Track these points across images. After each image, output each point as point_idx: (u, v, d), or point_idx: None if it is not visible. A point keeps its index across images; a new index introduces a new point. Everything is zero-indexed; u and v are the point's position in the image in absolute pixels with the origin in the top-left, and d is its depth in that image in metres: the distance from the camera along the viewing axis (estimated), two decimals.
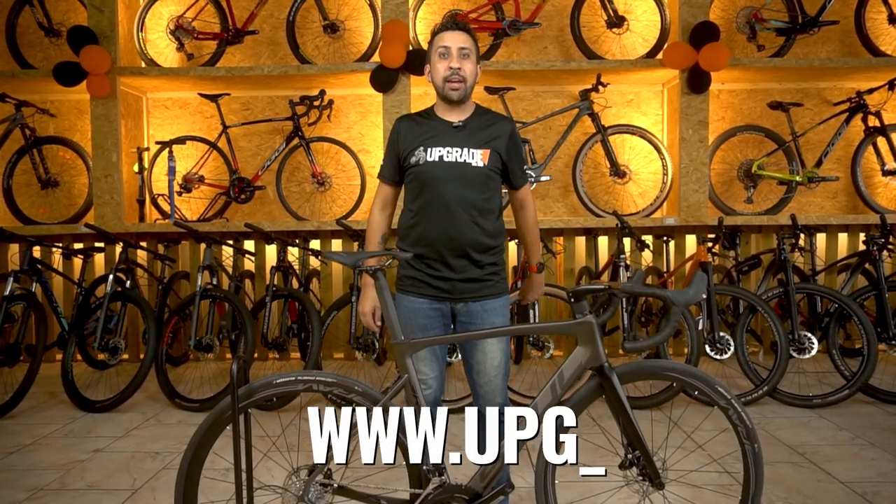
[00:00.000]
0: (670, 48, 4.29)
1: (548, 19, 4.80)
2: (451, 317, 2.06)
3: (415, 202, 2.03)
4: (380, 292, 1.76)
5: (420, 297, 2.02)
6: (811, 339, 3.57)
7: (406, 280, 2.06)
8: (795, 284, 3.62)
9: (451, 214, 1.96)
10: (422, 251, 2.00)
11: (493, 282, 2.04)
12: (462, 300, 2.01)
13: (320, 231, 4.57)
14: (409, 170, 2.02)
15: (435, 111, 2.08)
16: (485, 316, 2.02)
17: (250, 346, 3.53)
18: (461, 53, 1.98)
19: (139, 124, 4.86)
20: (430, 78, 2.05)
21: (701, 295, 1.57)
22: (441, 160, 1.97)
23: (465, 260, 1.99)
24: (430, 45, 2.06)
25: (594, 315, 1.74)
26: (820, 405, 3.44)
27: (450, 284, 2.00)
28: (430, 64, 2.05)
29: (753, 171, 4.52)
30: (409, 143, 2.02)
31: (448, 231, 1.96)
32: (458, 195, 1.96)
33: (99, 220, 4.49)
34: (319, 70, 4.45)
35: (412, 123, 2.07)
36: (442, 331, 2.05)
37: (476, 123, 2.04)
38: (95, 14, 4.44)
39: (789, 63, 4.39)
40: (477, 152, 1.98)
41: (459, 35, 2.00)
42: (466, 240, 1.97)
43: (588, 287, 1.73)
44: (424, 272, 2.01)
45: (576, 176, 4.54)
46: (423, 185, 1.99)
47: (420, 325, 2.02)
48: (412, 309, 2.03)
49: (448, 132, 2.01)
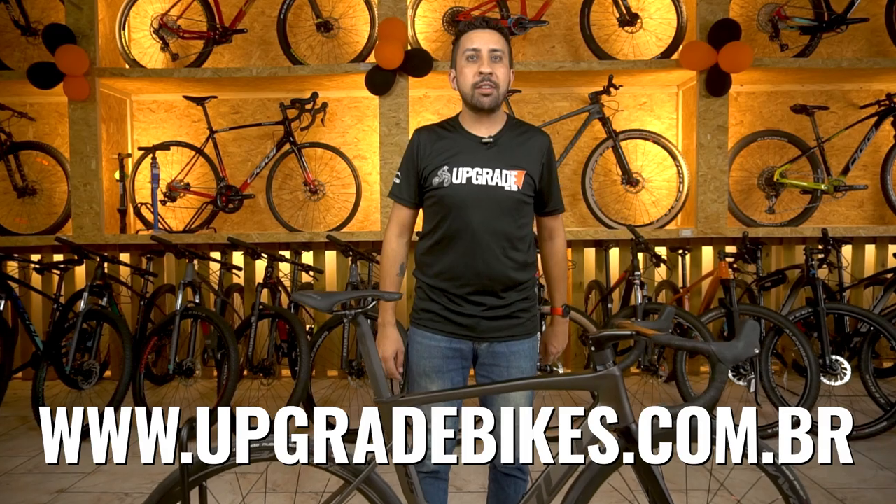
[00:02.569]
0: (688, 48, 3.99)
1: (555, 17, 4.51)
2: (471, 358, 1.78)
3: (437, 230, 1.75)
4: (361, 339, 1.48)
5: (438, 334, 1.75)
6: (843, 364, 3.28)
7: (422, 314, 1.78)
8: (826, 305, 3.33)
9: (478, 246, 1.69)
10: (443, 285, 1.74)
11: (522, 320, 1.77)
12: (486, 340, 1.75)
13: (312, 243, 4.29)
14: (431, 192, 1.74)
15: (461, 122, 1.79)
16: (511, 359, 1.75)
17: (234, 370, 3.25)
18: (492, 56, 1.70)
19: (122, 129, 4.58)
20: (456, 85, 1.76)
21: (753, 349, 1.28)
22: (469, 182, 1.69)
23: (492, 296, 1.72)
24: (455, 47, 1.78)
25: (619, 366, 1.46)
26: (855, 437, 3.15)
27: (473, 321, 1.73)
28: (455, 69, 1.76)
29: (776, 179, 4.23)
30: (431, 160, 1.74)
31: (474, 265, 1.70)
32: (488, 224, 1.69)
33: (77, 230, 4.23)
34: (312, 71, 4.17)
35: (434, 136, 1.78)
36: (459, 375, 1.77)
37: (508, 139, 1.75)
38: (74, 12, 4.16)
39: (815, 64, 4.09)
40: (510, 174, 1.70)
41: (490, 35, 1.71)
42: (495, 274, 1.70)
43: (613, 333, 1.45)
44: (445, 306, 1.74)
45: (585, 184, 4.25)
46: (447, 210, 1.72)
47: (434, 366, 1.75)
48: (427, 346, 1.76)
49: (477, 149, 1.73)
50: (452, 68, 1.79)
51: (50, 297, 4.02)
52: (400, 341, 1.81)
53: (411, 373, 1.80)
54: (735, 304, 3.32)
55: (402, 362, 1.82)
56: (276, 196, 4.48)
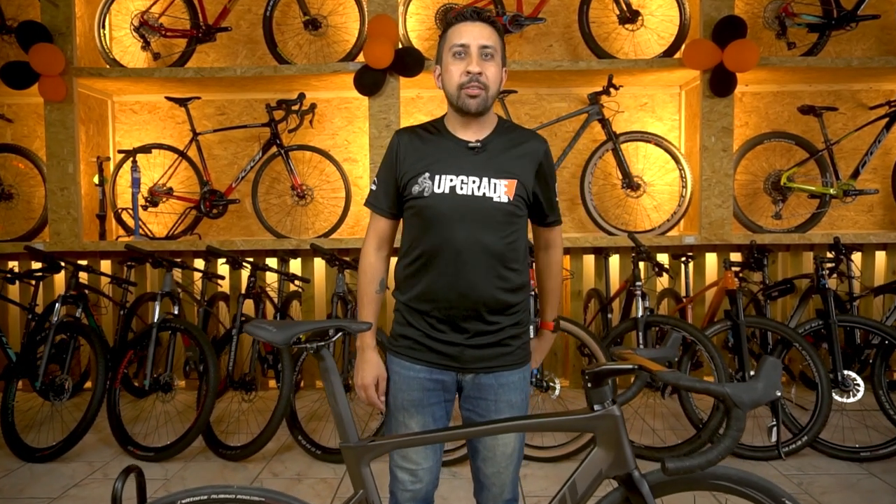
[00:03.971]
0: (691, 46, 3.82)
1: (553, 14, 4.33)
2: (455, 390, 1.61)
3: (416, 246, 1.57)
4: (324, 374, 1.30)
5: (417, 364, 1.57)
6: (857, 380, 3.10)
7: (401, 340, 1.61)
8: (837, 317, 3.15)
9: (462, 265, 1.51)
10: (423, 308, 1.56)
11: (512, 348, 1.59)
12: (471, 371, 1.57)
13: (300, 250, 4.11)
14: (410, 201, 1.56)
15: (446, 125, 1.61)
16: (500, 392, 1.57)
17: (212, 387, 3.08)
18: (483, 53, 1.52)
19: (103, 131, 4.41)
20: (441, 83, 1.58)
21: (775, 392, 1.11)
22: (453, 192, 1.51)
23: (478, 321, 1.54)
24: (441, 40, 1.59)
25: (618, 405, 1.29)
26: (869, 458, 2.97)
27: (457, 350, 1.55)
28: (440, 65, 1.58)
29: (783, 183, 4.05)
30: (411, 166, 1.56)
31: (458, 286, 1.52)
32: (474, 240, 1.51)
33: (55, 237, 4.05)
34: (298, 71, 4.00)
35: (415, 139, 1.60)
36: (441, 409, 1.60)
37: (498, 143, 1.57)
38: (49, 9, 3.99)
39: (824, 63, 3.91)
40: (500, 183, 1.53)
41: (481, 28, 1.52)
42: (481, 297, 1.52)
43: (613, 367, 1.28)
44: (425, 332, 1.56)
45: (584, 188, 4.07)
46: (427, 224, 1.54)
47: (413, 399, 1.57)
48: (405, 377, 1.58)
49: (462, 154, 1.55)
50: (437, 64, 1.60)
51: (24, 307, 3.85)
52: (381, 366, 1.63)
53: (388, 407, 1.62)
54: (742, 316, 3.15)
55: (384, 390, 1.63)
56: (262, 201, 4.31)
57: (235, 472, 2.98)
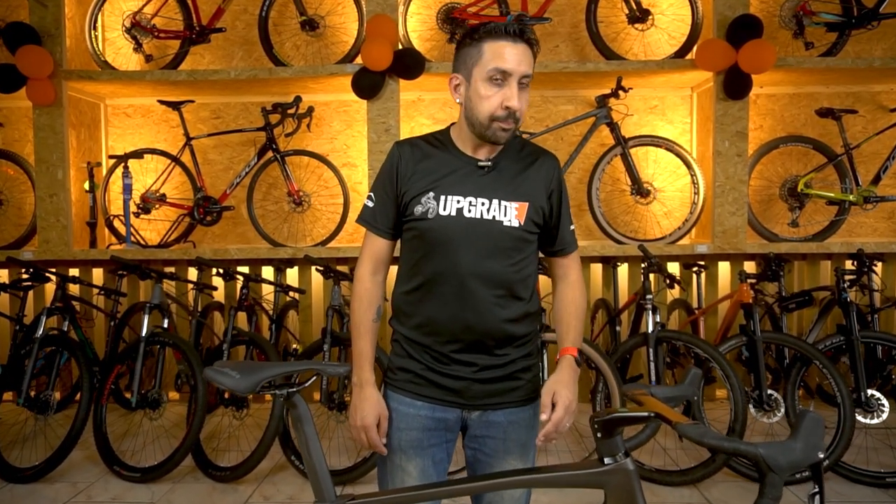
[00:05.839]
0: (704, 46, 3.64)
1: (559, 14, 4.17)
2: (458, 429, 1.47)
3: (417, 272, 1.43)
4: (297, 424, 1.15)
5: (418, 400, 1.43)
6: (881, 400, 2.93)
7: (400, 373, 1.46)
8: (860, 333, 2.98)
9: (468, 293, 1.38)
10: (425, 340, 1.42)
11: (522, 382, 1.45)
12: (478, 407, 1.43)
13: (296, 259, 3.96)
14: (412, 222, 1.42)
15: (452, 139, 1.46)
16: (509, 430, 1.44)
17: (201, 404, 2.94)
18: (521, 84, 1.35)
19: (95, 135, 4.28)
20: (462, 99, 1.41)
21: (817, 454, 0.95)
22: (460, 215, 1.38)
23: (485, 354, 1.40)
24: (469, 50, 1.38)
25: (632, 458, 1.13)
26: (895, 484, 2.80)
27: (462, 384, 1.41)
28: (467, 82, 1.39)
29: (800, 189, 3.87)
30: (414, 183, 1.42)
31: (463, 317, 1.38)
32: (480, 267, 1.38)
33: (43, 245, 3.92)
34: (294, 73, 3.85)
35: (418, 153, 1.45)
36: (442, 451, 1.45)
37: (509, 163, 1.44)
38: (38, 10, 3.86)
39: (844, 63, 3.73)
40: (511, 206, 1.39)
41: (524, 53, 1.34)
42: (488, 328, 1.39)
43: (625, 415, 1.12)
44: (427, 365, 1.42)
45: (592, 195, 3.91)
46: (430, 248, 1.40)
47: (412, 439, 1.43)
48: (404, 415, 1.44)
49: (471, 174, 1.41)
50: (458, 73, 1.42)
51: (11, 317, 3.73)
52: (383, 404, 1.45)
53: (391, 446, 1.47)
54: (759, 332, 2.98)
55: (385, 430, 1.45)
56: (258, 207, 4.16)
57: (225, 494, 2.84)
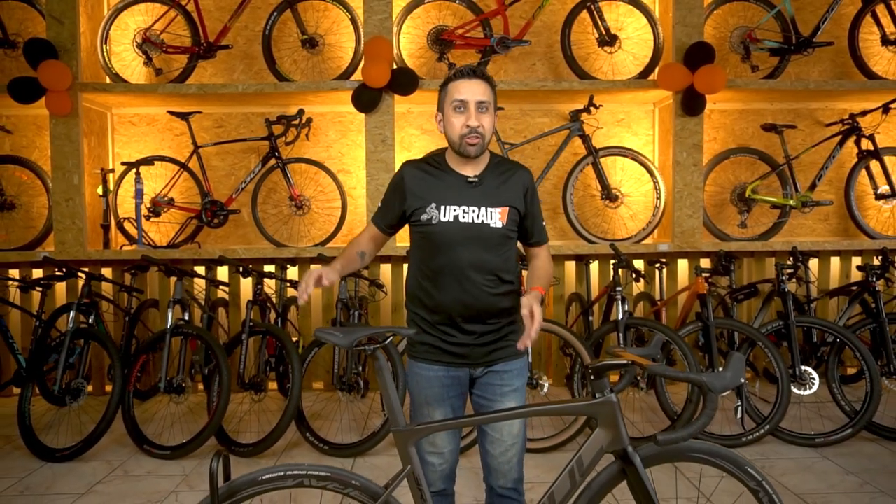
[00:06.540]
0: (665, 69, 4.15)
1: (536, 35, 4.63)
2: (468, 384, 1.91)
3: (426, 266, 1.87)
4: (379, 373, 1.56)
5: (436, 365, 1.86)
6: (812, 374, 3.45)
7: (419, 346, 1.89)
8: (795, 318, 3.50)
9: (467, 281, 1.81)
10: (436, 319, 1.86)
11: (510, 341, 1.89)
12: (481, 364, 1.87)
13: (299, 258, 4.32)
14: (420, 228, 1.85)
15: (447, 161, 1.89)
16: (505, 377, 1.88)
17: (225, 388, 3.28)
18: (479, 107, 1.79)
19: (103, 142, 4.56)
20: (443, 129, 1.86)
21: (739, 379, 1.40)
22: (456, 220, 1.80)
23: (482, 324, 1.85)
24: (442, 92, 1.86)
25: (616, 393, 1.56)
26: (823, 444, 3.33)
27: (467, 350, 1.85)
28: (442, 113, 1.86)
29: (747, 194, 4.41)
30: (419, 197, 1.84)
31: (463, 299, 1.82)
32: (475, 259, 1.81)
33: (59, 246, 4.19)
34: (298, 87, 4.22)
35: (422, 173, 1.88)
36: (459, 401, 1.89)
37: (492, 177, 1.87)
38: (55, 26, 4.13)
39: (784, 85, 4.28)
40: (495, 211, 1.82)
41: (477, 86, 1.79)
42: (484, 306, 1.83)
43: (611, 363, 1.55)
44: (440, 338, 1.86)
45: (566, 199, 4.37)
46: (435, 246, 1.83)
47: (435, 395, 1.86)
48: (426, 377, 1.87)
49: (463, 188, 1.84)
50: (440, 111, 1.88)
51: (32, 314, 3.99)
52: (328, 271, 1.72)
53: (413, 402, 1.91)
54: (711, 318, 3.47)
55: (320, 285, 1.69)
56: (261, 210, 4.50)
57: (249, 468, 3.19)
